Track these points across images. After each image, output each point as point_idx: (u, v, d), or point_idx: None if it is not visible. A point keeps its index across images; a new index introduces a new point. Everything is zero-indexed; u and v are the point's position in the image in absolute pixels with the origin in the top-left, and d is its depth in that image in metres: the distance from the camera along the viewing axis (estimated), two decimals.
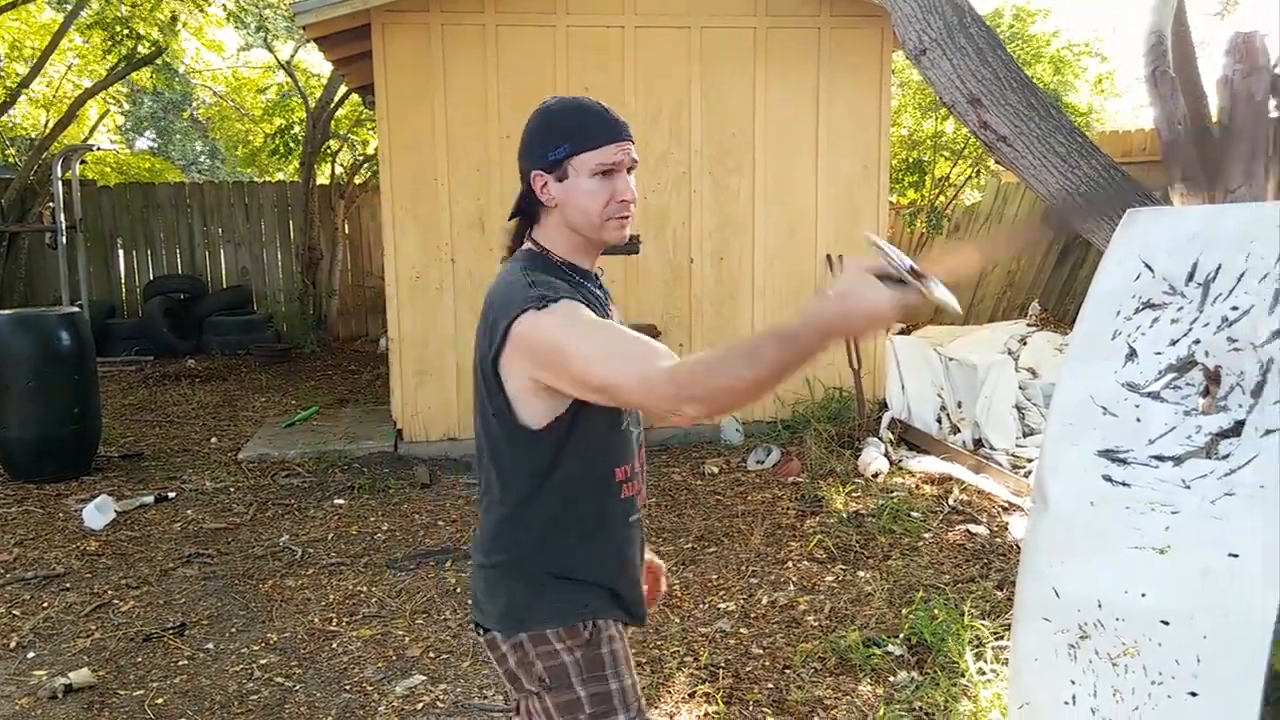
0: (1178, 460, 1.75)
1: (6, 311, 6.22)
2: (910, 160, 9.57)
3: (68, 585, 4.39)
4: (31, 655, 3.70)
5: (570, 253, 1.72)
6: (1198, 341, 1.81)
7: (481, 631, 1.77)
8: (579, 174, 1.65)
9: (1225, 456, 1.70)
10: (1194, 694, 1.64)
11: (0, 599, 4.22)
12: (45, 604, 4.17)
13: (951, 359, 6.94)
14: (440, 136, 6.31)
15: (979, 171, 9.39)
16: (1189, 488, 1.71)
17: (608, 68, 6.40)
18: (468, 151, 6.32)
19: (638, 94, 6.47)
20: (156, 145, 24.75)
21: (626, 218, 1.69)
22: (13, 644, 3.79)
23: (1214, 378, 1.79)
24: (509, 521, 1.73)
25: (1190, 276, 1.85)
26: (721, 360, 1.43)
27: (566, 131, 1.66)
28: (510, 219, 1.80)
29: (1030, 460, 5.84)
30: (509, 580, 1.73)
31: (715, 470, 6.00)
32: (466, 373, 6.85)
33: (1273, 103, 2.50)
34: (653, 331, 6.59)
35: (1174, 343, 1.84)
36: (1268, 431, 1.65)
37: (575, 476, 1.69)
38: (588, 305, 1.63)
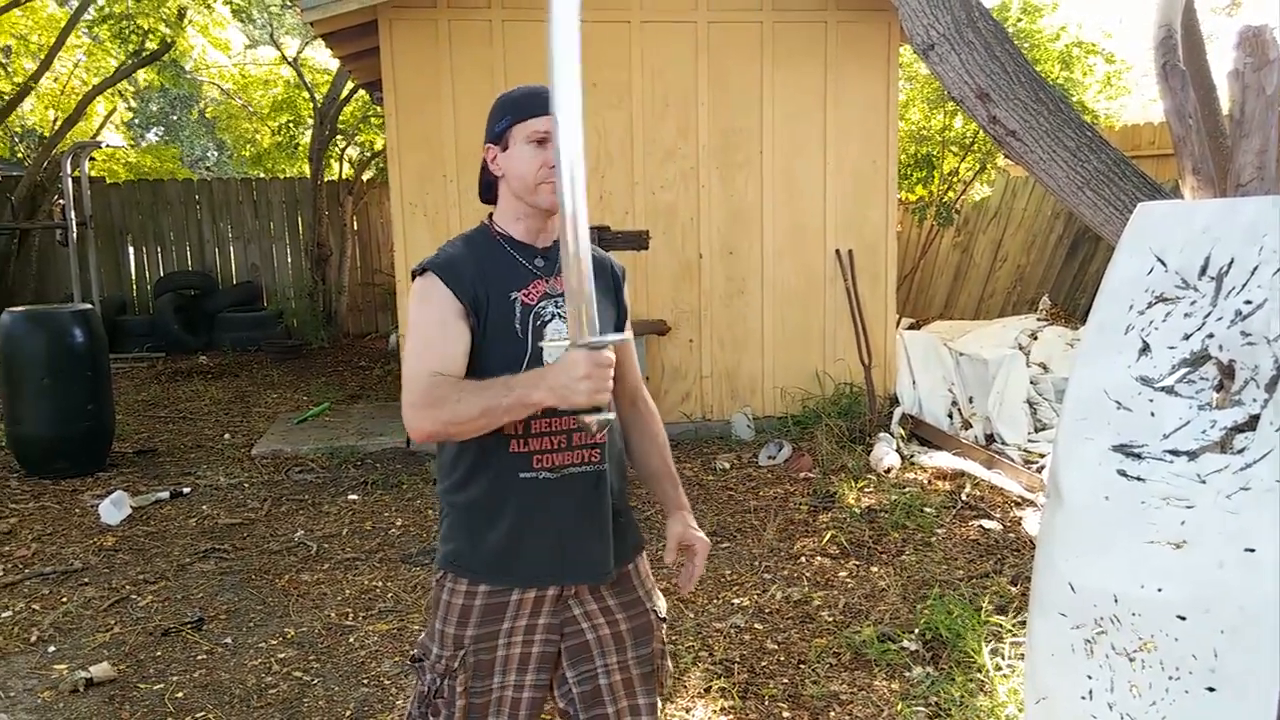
0: (1192, 455, 1.76)
1: (20, 309, 6.26)
2: (919, 155, 9.56)
3: (86, 580, 4.43)
4: (52, 650, 3.74)
5: (515, 224, 1.88)
6: (1211, 336, 1.81)
7: None
8: (517, 142, 1.83)
9: (1240, 451, 1.70)
10: (1211, 689, 1.65)
11: (20, 594, 4.27)
12: (64, 599, 4.21)
13: (962, 354, 6.94)
14: (448, 132, 6.33)
15: (985, 166, 9.37)
16: (1204, 482, 1.72)
17: (615, 63, 6.40)
18: (476, 147, 6.27)
19: (645, 89, 6.48)
20: (165, 142, 24.80)
21: None
22: (33, 638, 3.83)
23: (1228, 372, 1.80)
24: (439, 450, 1.94)
25: (1203, 270, 1.86)
26: (460, 394, 1.69)
27: (508, 107, 1.86)
28: (481, 201, 1.99)
29: (1042, 455, 5.85)
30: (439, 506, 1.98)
31: (727, 466, 6.01)
32: None
33: None
34: (662, 327, 6.61)
35: (1187, 337, 1.85)
36: None
37: None
38: (492, 275, 1.83)
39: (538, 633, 1.86)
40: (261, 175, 15.19)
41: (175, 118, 24.93)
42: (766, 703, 3.25)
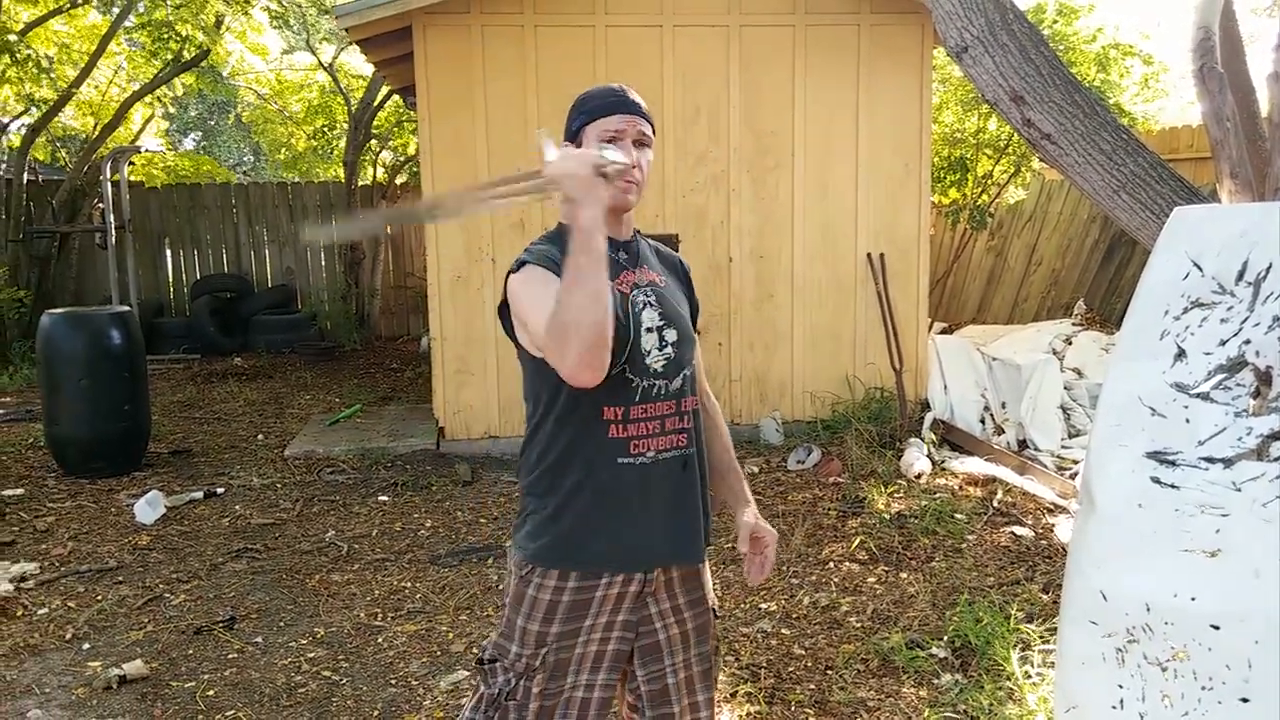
0: (1228, 462, 1.73)
1: (59, 310, 6.36)
2: (953, 158, 9.48)
3: (120, 579, 4.49)
4: (87, 647, 3.79)
5: None
6: (1248, 342, 1.78)
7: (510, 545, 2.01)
8: (589, 141, 1.88)
9: (1277, 458, 1.67)
10: (1245, 699, 1.62)
11: (56, 592, 4.33)
12: (99, 597, 4.27)
13: (995, 359, 6.88)
14: (480, 136, 6.37)
15: (1020, 169, 9.27)
16: (1240, 490, 1.69)
17: (646, 67, 6.41)
18: (508, 151, 6.37)
19: (676, 93, 6.48)
20: (203, 147, 25.16)
21: (630, 181, 1.86)
22: (69, 636, 3.89)
23: (1265, 378, 1.76)
24: (526, 443, 1.95)
25: (1240, 275, 1.83)
26: (557, 301, 1.64)
27: (584, 107, 1.92)
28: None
29: (1076, 462, 5.78)
30: (522, 501, 1.99)
31: (755, 470, 5.99)
32: (506, 372, 6.85)
33: None
34: None
35: (1224, 343, 1.82)
36: None
37: (566, 409, 1.85)
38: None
39: (615, 629, 1.89)
40: (297, 179, 15.37)
41: (213, 122, 25.29)
42: (793, 708, 3.23)
